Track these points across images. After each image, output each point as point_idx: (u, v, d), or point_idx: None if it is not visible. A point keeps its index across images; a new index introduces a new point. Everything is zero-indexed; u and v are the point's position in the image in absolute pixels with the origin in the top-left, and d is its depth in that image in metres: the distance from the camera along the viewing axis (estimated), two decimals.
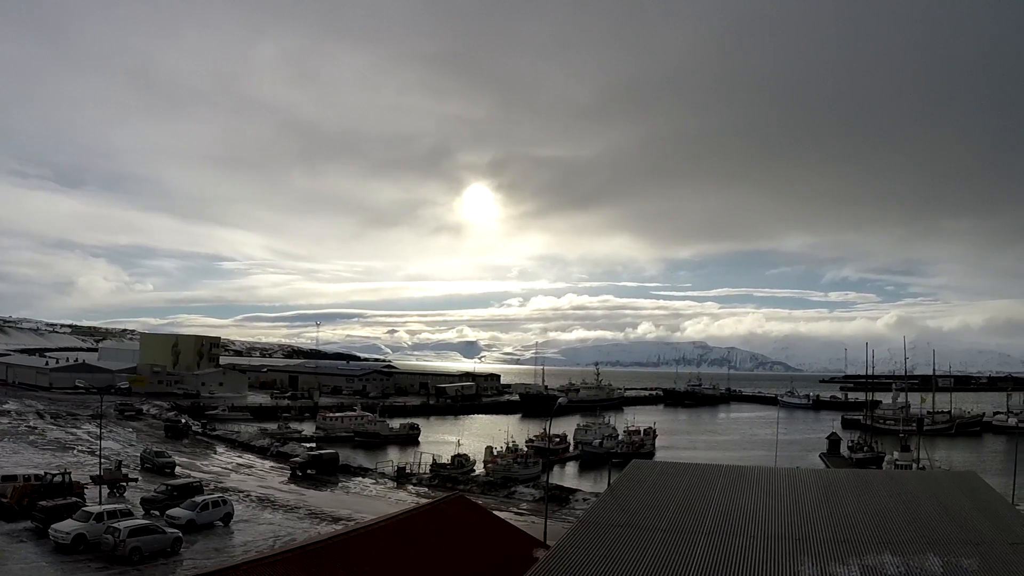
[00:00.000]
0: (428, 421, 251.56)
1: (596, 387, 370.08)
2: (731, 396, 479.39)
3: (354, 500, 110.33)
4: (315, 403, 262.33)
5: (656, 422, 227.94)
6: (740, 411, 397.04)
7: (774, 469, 68.87)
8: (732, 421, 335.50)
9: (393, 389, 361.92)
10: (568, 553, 41.08)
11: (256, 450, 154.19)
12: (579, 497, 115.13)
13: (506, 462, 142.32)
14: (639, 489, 53.94)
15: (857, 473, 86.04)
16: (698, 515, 47.84)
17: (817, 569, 38.37)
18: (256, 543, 79.48)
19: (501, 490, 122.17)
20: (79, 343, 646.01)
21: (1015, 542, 43.01)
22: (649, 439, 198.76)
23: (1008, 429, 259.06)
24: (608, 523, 46.26)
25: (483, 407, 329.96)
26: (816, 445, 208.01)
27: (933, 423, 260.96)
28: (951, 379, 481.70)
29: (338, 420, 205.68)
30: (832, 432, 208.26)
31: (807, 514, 47.89)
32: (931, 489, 55.13)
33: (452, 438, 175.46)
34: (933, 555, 39.95)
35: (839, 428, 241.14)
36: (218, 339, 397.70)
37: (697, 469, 61.87)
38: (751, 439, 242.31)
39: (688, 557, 40.24)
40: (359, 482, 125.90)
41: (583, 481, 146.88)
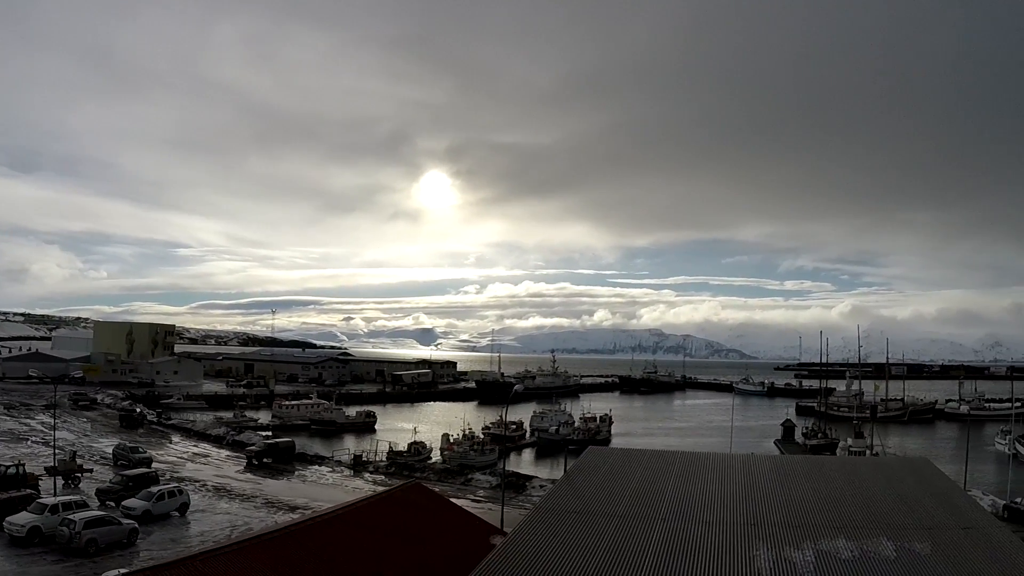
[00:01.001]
0: (384, 409, 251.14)
1: (552, 374, 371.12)
2: (686, 383, 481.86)
3: (310, 489, 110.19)
4: (271, 391, 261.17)
5: (612, 409, 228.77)
6: (696, 398, 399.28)
7: (729, 455, 69.21)
8: (688, 408, 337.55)
9: (349, 377, 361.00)
10: (524, 540, 41.23)
11: (212, 439, 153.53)
12: (535, 484, 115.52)
13: (463, 449, 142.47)
14: (595, 476, 54.12)
15: (811, 459, 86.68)
16: (654, 501, 48.04)
17: (772, 554, 38.68)
18: (213, 533, 79.31)
19: (458, 477, 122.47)
20: (32, 332, 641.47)
21: (966, 527, 43.59)
22: (605, 426, 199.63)
23: (960, 416, 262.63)
24: (564, 510, 46.42)
25: (439, 394, 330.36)
26: (771, 432, 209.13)
27: (886, 410, 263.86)
28: (904, 367, 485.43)
29: (294, 408, 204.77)
30: (787, 419, 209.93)
31: (762, 500, 48.21)
32: (884, 475, 55.70)
33: (408, 426, 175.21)
34: (886, 539, 40.44)
35: (793, 415, 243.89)
36: (173, 327, 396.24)
37: (653, 456, 62.06)
38: (706, 426, 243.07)
39: (644, 543, 40.45)
40: (315, 470, 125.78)
41: (539, 468, 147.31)
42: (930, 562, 37.96)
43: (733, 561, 38.10)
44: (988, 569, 37.52)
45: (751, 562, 37.87)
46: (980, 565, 37.90)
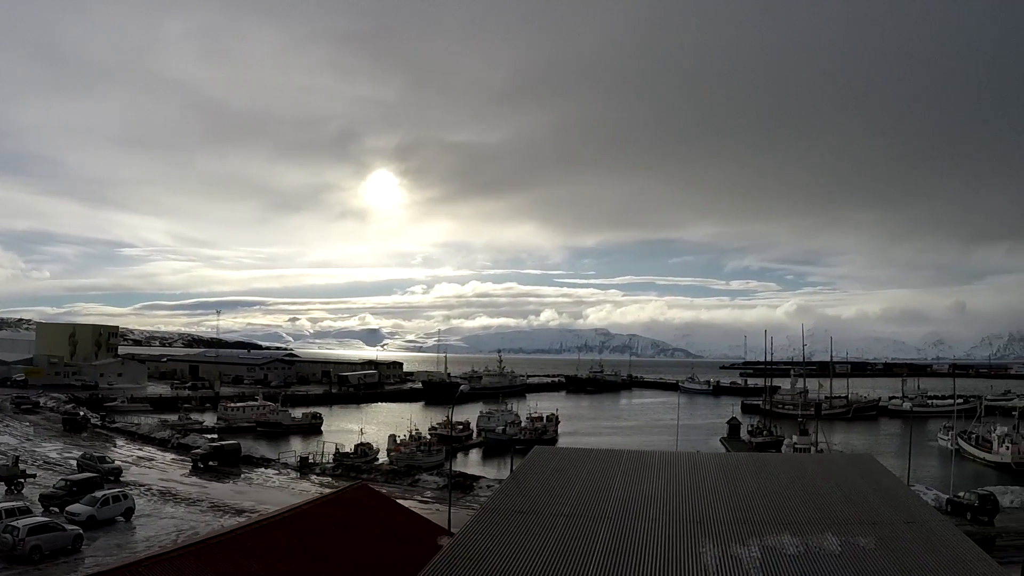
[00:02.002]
0: (331, 410, 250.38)
1: (499, 374, 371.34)
2: (633, 382, 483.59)
3: (257, 491, 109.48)
4: (216, 393, 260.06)
5: (559, 408, 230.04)
6: (642, 397, 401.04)
7: (675, 453, 69.58)
8: (634, 407, 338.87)
9: (295, 378, 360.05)
10: (471, 540, 41.24)
11: (157, 442, 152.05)
12: (483, 484, 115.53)
13: (409, 450, 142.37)
14: (541, 475, 54.22)
15: (757, 456, 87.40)
16: (600, 500, 48.21)
17: (719, 551, 38.93)
18: (158, 538, 78.45)
19: (405, 478, 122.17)
20: None
21: (910, 521, 44.22)
22: (552, 425, 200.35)
23: (903, 413, 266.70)
24: (511, 509, 46.46)
25: (386, 395, 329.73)
26: (717, 430, 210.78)
27: (831, 408, 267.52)
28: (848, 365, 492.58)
29: (239, 410, 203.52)
30: (732, 417, 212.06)
31: (708, 497, 48.52)
32: (829, 471, 56.24)
33: (355, 427, 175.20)
34: (831, 534, 40.88)
35: (739, 413, 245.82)
36: (117, 328, 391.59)
37: (599, 455, 62.29)
38: (653, 424, 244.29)
39: (590, 542, 40.57)
40: (262, 473, 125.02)
41: (487, 468, 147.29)
42: (874, 556, 38.45)
43: (680, 558, 38.30)
44: (931, 562, 38.03)
45: (698, 559, 38.09)
46: (923, 558, 38.43)
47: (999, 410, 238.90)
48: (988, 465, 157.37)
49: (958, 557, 38.79)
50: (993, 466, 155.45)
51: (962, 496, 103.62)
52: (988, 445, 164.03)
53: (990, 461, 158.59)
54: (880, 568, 37.06)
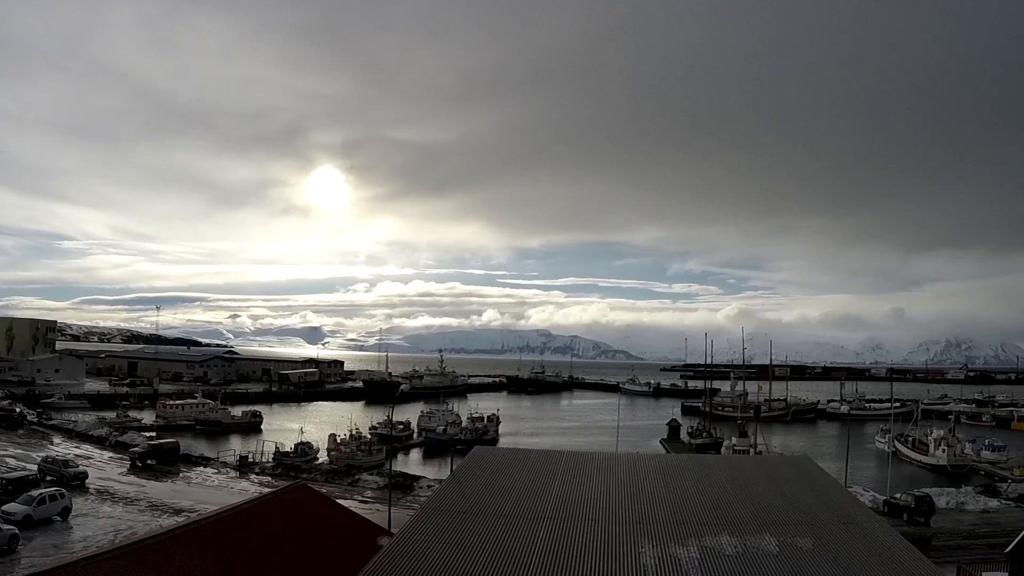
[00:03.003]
0: (271, 408, 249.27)
1: (440, 374, 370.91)
2: (574, 383, 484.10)
3: (196, 491, 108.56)
4: (155, 390, 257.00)
5: (499, 409, 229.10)
6: (583, 398, 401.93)
7: (615, 454, 69.99)
8: (575, 408, 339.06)
9: (235, 376, 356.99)
10: (411, 540, 41.18)
11: (94, 440, 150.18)
12: (423, 484, 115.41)
13: (350, 450, 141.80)
14: (482, 475, 54.26)
15: (696, 458, 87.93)
16: (540, 500, 48.37)
17: (658, 551, 39.18)
18: (96, 538, 77.71)
19: (345, 478, 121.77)
20: None
21: (847, 521, 44.88)
22: (492, 426, 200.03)
23: (841, 416, 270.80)
24: (451, 509, 46.48)
25: (326, 394, 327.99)
26: (657, 431, 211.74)
27: (770, 410, 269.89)
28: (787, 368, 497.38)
29: (179, 408, 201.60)
30: (672, 419, 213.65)
31: (647, 498, 48.83)
32: (767, 472, 56.79)
33: (295, 426, 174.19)
34: (770, 535, 41.32)
35: (679, 415, 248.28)
36: (55, 323, 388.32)
37: (539, 455, 62.51)
38: (593, 425, 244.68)
39: (530, 542, 40.70)
40: (201, 472, 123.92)
41: (427, 468, 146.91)
42: (812, 556, 38.93)
43: (619, 558, 38.50)
44: (867, 561, 38.62)
45: (637, 559, 38.31)
46: (860, 558, 39.04)
47: (935, 414, 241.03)
48: (924, 467, 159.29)
49: (894, 557, 39.37)
50: (929, 468, 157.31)
51: (899, 498, 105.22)
52: (925, 448, 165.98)
53: (926, 463, 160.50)
54: (818, 568, 37.51)
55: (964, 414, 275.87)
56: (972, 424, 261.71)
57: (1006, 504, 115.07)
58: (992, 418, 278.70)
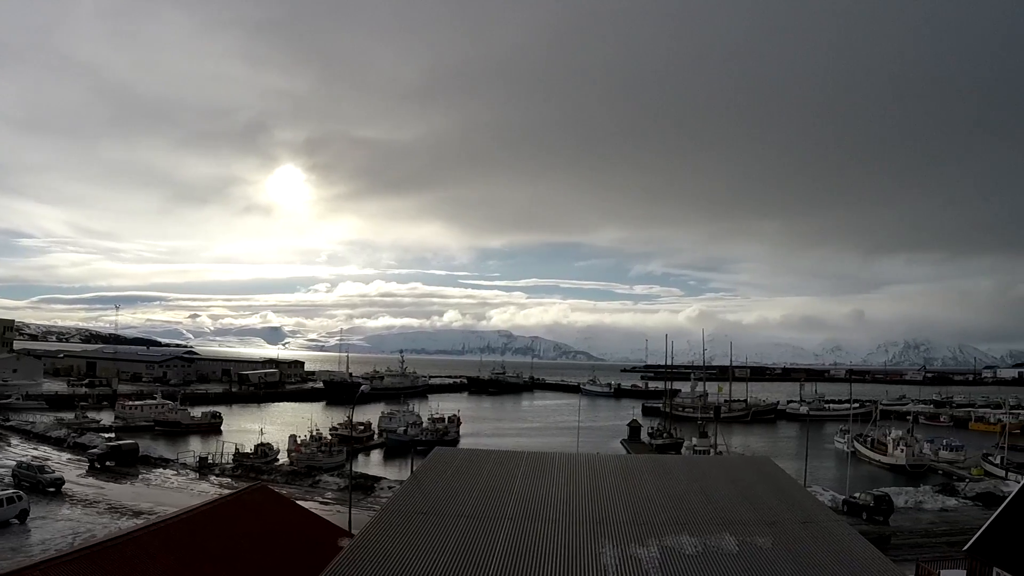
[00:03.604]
0: (231, 409, 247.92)
1: (401, 375, 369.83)
2: (534, 384, 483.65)
3: (155, 492, 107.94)
4: (114, 391, 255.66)
5: (460, 410, 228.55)
6: (543, 399, 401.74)
7: (576, 455, 70.00)
8: (535, 409, 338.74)
9: (195, 376, 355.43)
10: (371, 542, 41.04)
11: (52, 441, 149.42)
12: (384, 485, 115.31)
13: (310, 451, 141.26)
14: (442, 476, 54.19)
15: (656, 458, 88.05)
16: (501, 501, 48.37)
17: (618, 551, 39.26)
18: (54, 541, 77.20)
19: (305, 479, 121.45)
20: None
21: (806, 521, 45.20)
22: (453, 426, 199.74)
23: (800, 416, 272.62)
24: (411, 511, 46.35)
25: (287, 395, 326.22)
26: (617, 432, 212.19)
27: (730, 411, 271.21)
28: (747, 370, 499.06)
29: (138, 409, 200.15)
30: (633, 419, 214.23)
31: (608, 498, 48.95)
32: (727, 473, 57.07)
33: (255, 427, 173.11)
34: (729, 535, 41.55)
35: (640, 415, 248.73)
36: (12, 322, 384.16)
37: (500, 456, 62.43)
38: (554, 426, 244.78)
39: (491, 542, 40.68)
40: (160, 473, 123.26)
41: (388, 469, 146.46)
42: (771, 555, 39.19)
43: (579, 559, 38.55)
44: (826, 560, 38.89)
45: (597, 559, 38.37)
46: (819, 556, 39.32)
47: (894, 414, 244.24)
48: (883, 467, 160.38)
49: (853, 556, 39.71)
50: (888, 468, 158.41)
51: (858, 497, 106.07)
52: (883, 448, 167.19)
53: (885, 463, 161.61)
54: (777, 567, 37.72)
55: (922, 414, 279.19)
56: (930, 424, 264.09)
57: (964, 503, 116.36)
58: (950, 418, 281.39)
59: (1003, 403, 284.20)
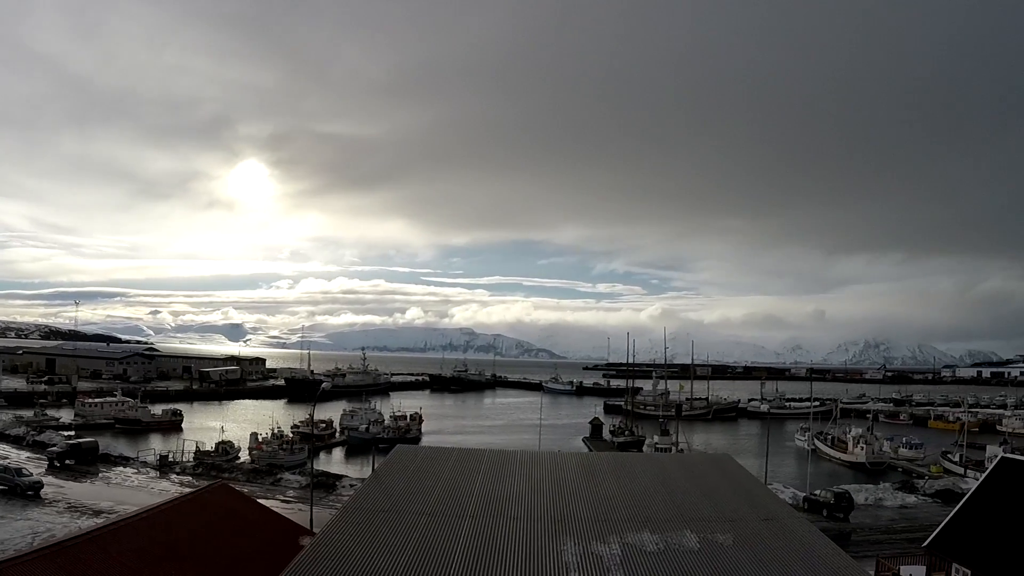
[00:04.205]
0: (191, 407, 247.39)
1: (363, 372, 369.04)
2: (497, 382, 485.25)
3: (115, 491, 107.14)
4: (73, 388, 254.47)
5: (422, 407, 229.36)
6: (506, 396, 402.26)
7: (537, 453, 70.21)
8: (498, 406, 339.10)
9: (155, 373, 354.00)
10: (333, 540, 40.91)
11: (10, 439, 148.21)
12: (346, 483, 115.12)
13: (271, 449, 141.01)
14: (404, 474, 54.08)
15: (618, 456, 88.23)
16: (462, 499, 48.31)
17: (580, 548, 39.33)
18: (13, 541, 76.32)
19: (267, 477, 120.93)
20: None
21: (766, 518, 45.49)
22: (415, 424, 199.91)
23: (761, 414, 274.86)
24: (373, 509, 46.23)
25: (248, 392, 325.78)
26: (579, 429, 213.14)
27: (691, 409, 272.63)
28: (709, 368, 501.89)
29: (98, 406, 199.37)
30: (595, 417, 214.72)
31: (569, 496, 49.00)
32: (688, 470, 57.29)
33: (216, 424, 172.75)
34: (690, 532, 41.75)
35: (601, 413, 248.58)
36: None
37: (461, 454, 62.38)
38: (516, 424, 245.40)
39: (452, 540, 40.63)
40: (120, 472, 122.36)
41: (350, 467, 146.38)
42: (732, 552, 39.43)
43: (541, 556, 38.57)
44: (786, 556, 39.14)
45: (559, 556, 38.40)
46: (779, 553, 39.58)
47: (854, 412, 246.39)
48: (843, 464, 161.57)
49: (813, 552, 40.05)
50: (848, 465, 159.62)
51: (818, 494, 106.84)
52: (844, 445, 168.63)
53: (845, 461, 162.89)
54: (737, 563, 37.95)
55: (882, 413, 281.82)
56: (890, 422, 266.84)
57: (923, 500, 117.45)
58: (909, 417, 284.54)
59: (962, 402, 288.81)
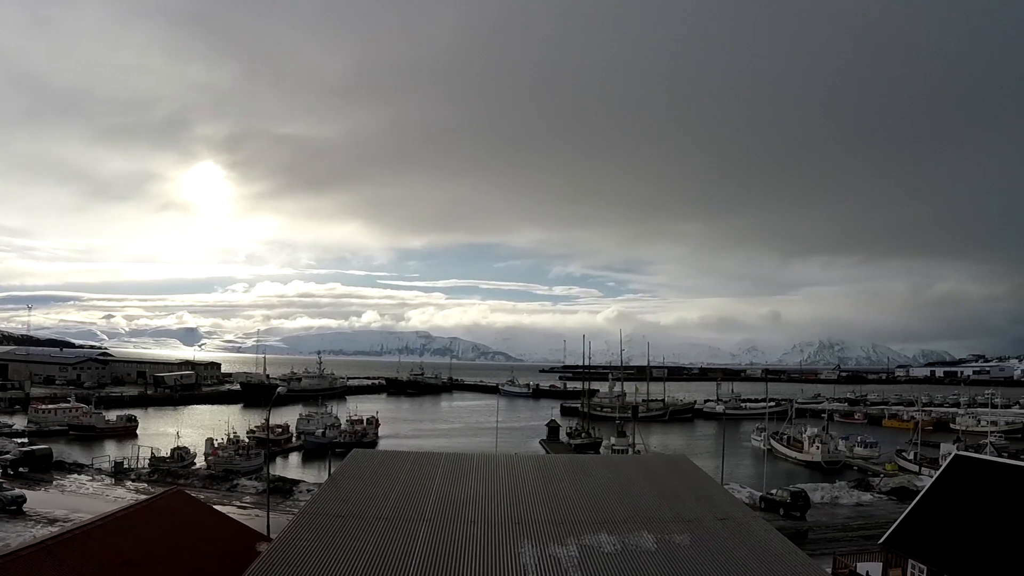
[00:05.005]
0: (146, 412, 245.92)
1: (319, 376, 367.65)
2: (453, 385, 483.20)
3: (70, 499, 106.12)
4: (26, 394, 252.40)
5: (379, 411, 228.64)
6: (462, 400, 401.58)
7: (494, 455, 70.11)
8: (454, 409, 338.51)
9: (109, 379, 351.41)
10: (290, 545, 40.79)
11: None
12: (302, 488, 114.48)
13: (227, 454, 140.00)
14: (360, 478, 53.96)
15: (575, 458, 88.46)
16: (419, 502, 48.28)
17: (537, 550, 39.41)
18: None
19: (223, 483, 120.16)
20: None
21: (723, 517, 45.84)
22: (372, 428, 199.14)
23: (717, 415, 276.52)
24: (330, 513, 46.11)
25: (203, 397, 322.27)
26: (536, 432, 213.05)
27: (648, 410, 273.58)
28: (665, 370, 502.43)
29: (51, 412, 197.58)
30: (551, 419, 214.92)
31: (527, 498, 49.10)
32: (645, 471, 57.53)
33: (171, 430, 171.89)
34: (647, 533, 41.92)
35: (558, 415, 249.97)
36: None
37: (418, 457, 62.31)
38: (473, 427, 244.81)
39: (409, 544, 40.58)
40: (75, 479, 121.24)
41: (306, 472, 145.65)
42: (689, 552, 39.68)
43: (499, 558, 38.64)
44: (743, 555, 39.49)
45: (516, 559, 38.48)
46: (736, 552, 39.95)
47: (809, 412, 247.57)
48: (799, 464, 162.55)
49: (770, 551, 40.37)
50: (804, 465, 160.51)
51: (775, 493, 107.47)
52: (799, 445, 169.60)
53: (801, 460, 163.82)
54: (695, 563, 38.20)
55: (837, 412, 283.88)
56: (845, 422, 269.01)
57: (878, 497, 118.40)
58: (864, 416, 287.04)
59: (916, 401, 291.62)
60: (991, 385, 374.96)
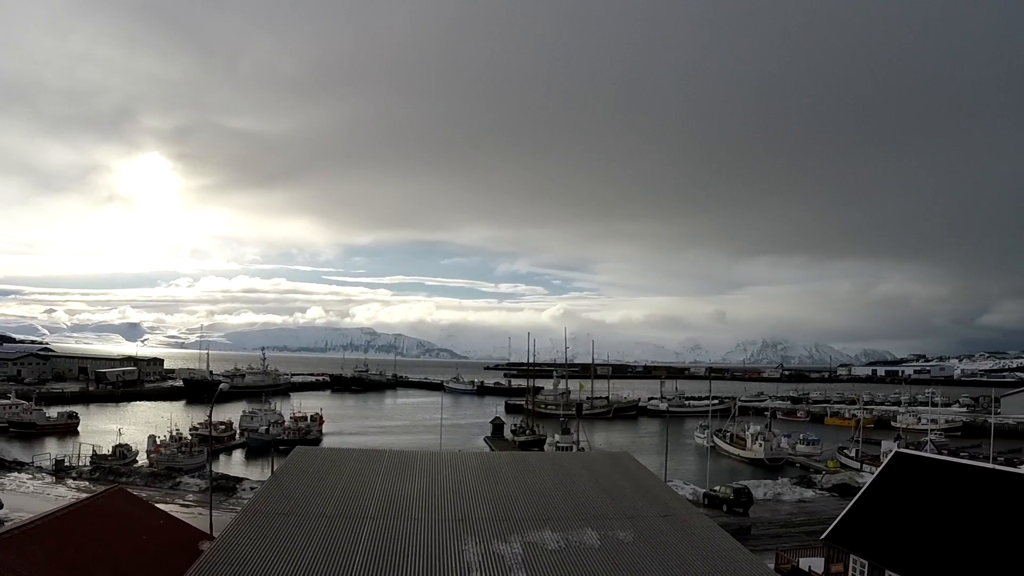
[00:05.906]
0: (88, 409, 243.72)
1: (262, 373, 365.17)
2: (398, 382, 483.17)
3: (9, 498, 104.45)
4: None
5: (323, 408, 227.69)
6: (407, 397, 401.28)
7: (438, 453, 70.22)
8: (399, 407, 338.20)
9: (50, 374, 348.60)
10: (232, 544, 40.56)
11: None
12: (246, 486, 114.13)
13: (170, 451, 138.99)
14: (304, 476, 53.79)
15: (518, 455, 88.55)
16: (363, 500, 48.23)
17: (481, 548, 39.54)
18: None
19: (166, 481, 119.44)
20: None
21: (666, 514, 46.33)
22: (316, 425, 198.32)
23: (661, 413, 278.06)
24: (272, 511, 45.91)
25: (146, 393, 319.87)
26: (481, 429, 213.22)
27: (592, 408, 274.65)
28: (609, 368, 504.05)
29: None
30: (496, 417, 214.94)
31: (470, 495, 49.18)
32: (589, 469, 57.88)
33: (113, 427, 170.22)
34: (591, 529, 42.24)
35: (503, 413, 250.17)
36: None
37: (362, 455, 62.19)
38: (418, 424, 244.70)
39: (353, 542, 40.57)
40: (15, 478, 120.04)
41: (250, 469, 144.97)
42: (632, 548, 40.03)
43: (443, 556, 38.71)
44: (686, 551, 39.91)
45: (460, 556, 38.59)
46: (679, 548, 40.37)
47: (752, 410, 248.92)
48: (742, 461, 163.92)
49: (713, 547, 40.96)
50: (747, 462, 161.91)
51: (718, 490, 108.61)
52: (742, 442, 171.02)
53: (744, 457, 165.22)
54: (638, 559, 38.51)
55: (780, 410, 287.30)
56: (787, 420, 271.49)
57: (821, 494, 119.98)
58: (807, 414, 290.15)
59: (857, 399, 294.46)
60: (932, 384, 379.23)
